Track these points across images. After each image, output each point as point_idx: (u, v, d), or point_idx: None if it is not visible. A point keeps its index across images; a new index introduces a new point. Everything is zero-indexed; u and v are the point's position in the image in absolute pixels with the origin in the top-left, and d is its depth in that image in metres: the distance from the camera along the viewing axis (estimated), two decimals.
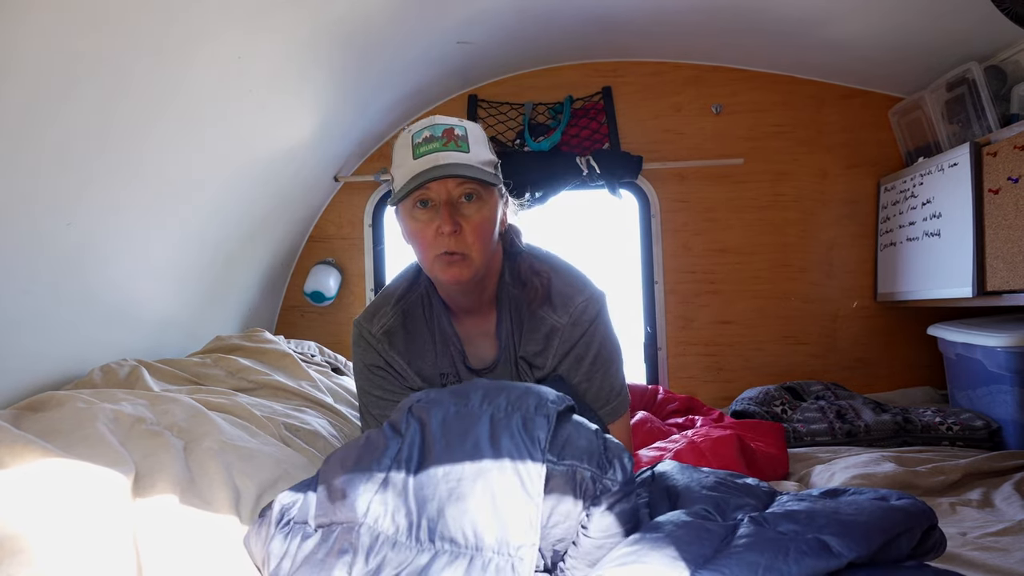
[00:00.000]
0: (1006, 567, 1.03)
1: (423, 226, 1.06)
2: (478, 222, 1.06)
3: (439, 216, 1.04)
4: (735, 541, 0.69)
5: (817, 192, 2.46)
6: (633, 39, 2.31)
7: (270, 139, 1.82)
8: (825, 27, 2.06)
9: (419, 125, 1.08)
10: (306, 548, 0.74)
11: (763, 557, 0.64)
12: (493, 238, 1.10)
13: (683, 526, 0.71)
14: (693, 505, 0.78)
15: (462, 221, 1.05)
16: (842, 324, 2.45)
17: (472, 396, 0.82)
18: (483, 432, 0.75)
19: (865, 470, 1.47)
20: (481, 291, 1.16)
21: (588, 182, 2.34)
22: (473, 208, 1.06)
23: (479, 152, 1.06)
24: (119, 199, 1.35)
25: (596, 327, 1.17)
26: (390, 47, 1.90)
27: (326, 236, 2.53)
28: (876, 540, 0.66)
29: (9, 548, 0.66)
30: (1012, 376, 1.75)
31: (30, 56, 0.98)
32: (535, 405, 0.78)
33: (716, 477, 0.87)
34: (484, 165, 1.06)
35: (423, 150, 1.03)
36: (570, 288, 1.18)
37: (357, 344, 1.21)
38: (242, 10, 1.31)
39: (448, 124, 1.06)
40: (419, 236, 1.08)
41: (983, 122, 1.94)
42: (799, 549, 0.65)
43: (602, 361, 1.18)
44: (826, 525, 0.68)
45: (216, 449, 0.94)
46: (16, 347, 1.17)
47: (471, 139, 1.06)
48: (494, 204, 1.10)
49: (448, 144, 1.03)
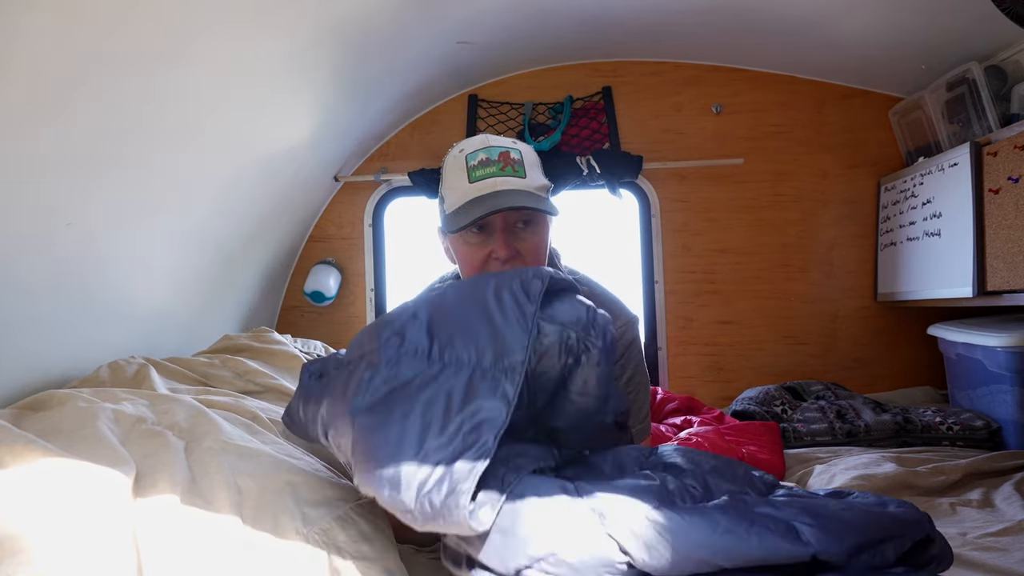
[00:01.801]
0: (1006, 567, 1.03)
1: (475, 249, 1.06)
2: (533, 246, 1.05)
3: (493, 241, 1.03)
4: (707, 505, 0.71)
5: (817, 192, 2.46)
6: (633, 39, 2.31)
7: (270, 139, 1.82)
8: (825, 27, 2.06)
9: (472, 145, 1.05)
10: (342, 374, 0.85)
11: (726, 519, 0.65)
12: (544, 260, 1.09)
13: (668, 487, 0.75)
14: (687, 478, 0.80)
15: (518, 246, 1.04)
16: (842, 324, 2.45)
17: (477, 278, 0.90)
18: (488, 290, 0.85)
19: (865, 471, 1.47)
20: None
21: (588, 182, 2.34)
22: (529, 232, 1.05)
23: (534, 176, 1.04)
24: (119, 199, 1.35)
25: (631, 352, 1.18)
26: (390, 47, 1.90)
27: (326, 236, 2.53)
28: (851, 539, 0.65)
29: (9, 548, 0.66)
30: (1012, 376, 1.75)
31: (30, 56, 0.98)
32: (532, 273, 0.86)
33: (717, 463, 0.87)
34: (539, 191, 1.04)
35: (479, 174, 1.02)
36: (610, 312, 1.18)
37: None
38: (242, 10, 1.31)
39: (503, 147, 1.04)
40: (470, 259, 1.07)
41: (983, 122, 1.94)
42: (766, 526, 0.65)
43: (635, 384, 1.18)
44: (802, 512, 0.68)
45: (217, 449, 0.94)
46: (16, 347, 1.17)
47: (527, 163, 1.04)
48: (547, 228, 1.09)
49: (505, 168, 1.01)
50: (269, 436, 1.12)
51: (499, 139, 1.06)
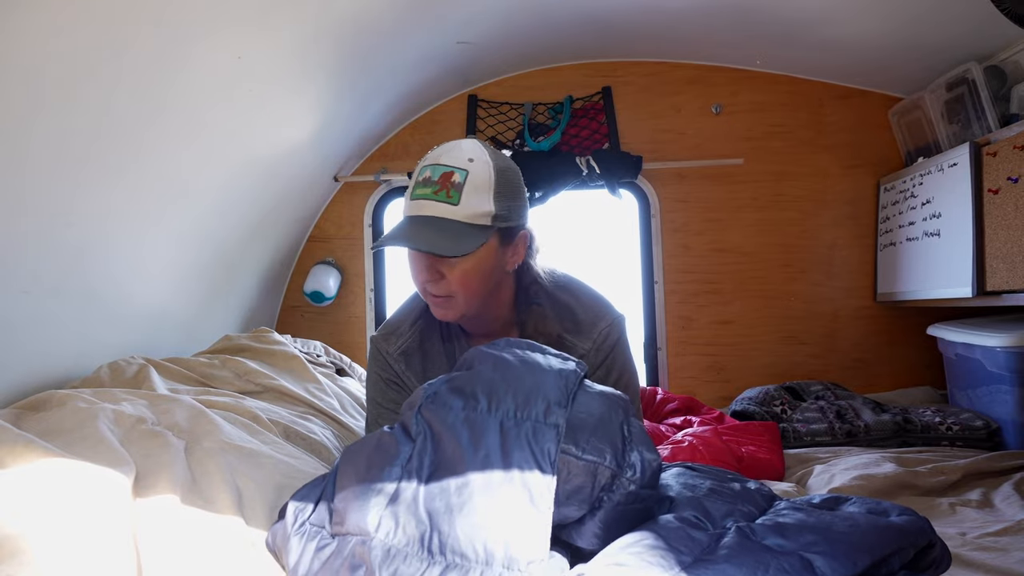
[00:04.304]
0: (1006, 567, 1.03)
1: (412, 263, 1.06)
2: (460, 274, 1.03)
3: (423, 259, 1.04)
4: (718, 551, 0.68)
5: (817, 192, 2.46)
6: (633, 39, 2.31)
7: (270, 139, 1.82)
8: (825, 27, 2.06)
9: (431, 156, 1.04)
10: (323, 556, 0.76)
11: (741, 571, 0.64)
12: (484, 282, 1.06)
13: (668, 532, 0.71)
14: (685, 510, 0.78)
15: (444, 270, 1.03)
16: (842, 324, 2.45)
17: (479, 396, 0.81)
18: (493, 443, 0.75)
19: (865, 471, 1.47)
20: (491, 320, 1.15)
21: (588, 182, 2.34)
22: (455, 260, 1.03)
23: (472, 203, 1.00)
24: (119, 199, 1.35)
25: (617, 351, 1.17)
26: (390, 47, 1.90)
27: (326, 236, 2.53)
28: (863, 561, 0.65)
29: (9, 548, 0.66)
30: (1012, 376, 1.75)
31: (30, 56, 0.98)
32: (543, 411, 0.77)
33: (712, 480, 0.87)
34: (473, 218, 1.00)
35: (416, 192, 1.01)
36: (593, 314, 1.17)
37: (375, 360, 1.20)
38: (242, 10, 1.31)
39: (451, 166, 1.01)
40: (411, 271, 1.08)
41: (983, 122, 1.94)
42: (780, 567, 0.64)
43: (621, 386, 1.17)
44: (814, 543, 0.68)
45: (217, 449, 0.94)
46: (16, 347, 1.17)
47: (468, 188, 1.00)
48: (481, 255, 1.04)
49: (439, 193, 0.99)
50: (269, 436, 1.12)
51: (458, 154, 1.02)
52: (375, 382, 1.20)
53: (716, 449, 1.60)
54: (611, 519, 0.74)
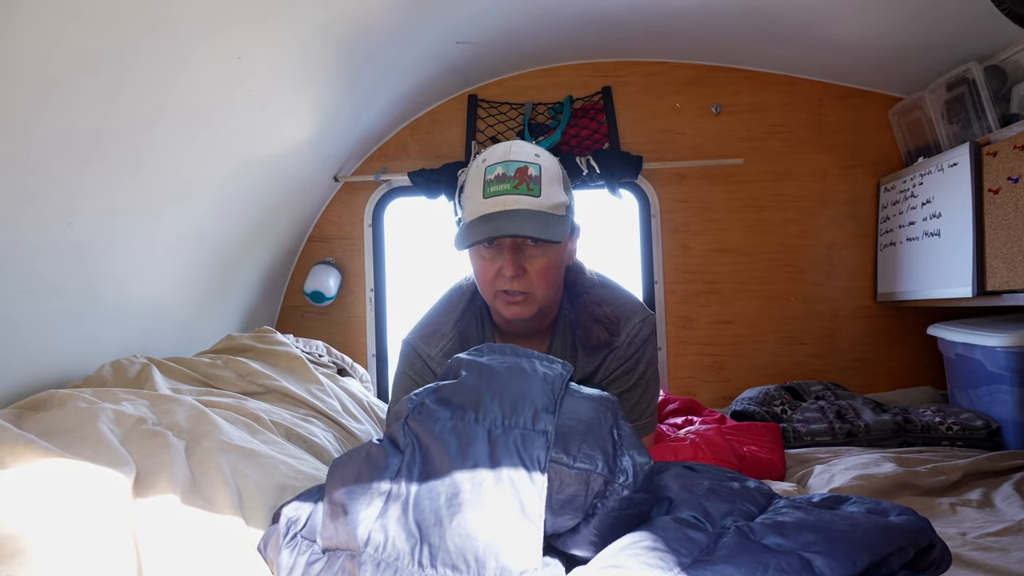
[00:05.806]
0: (1006, 567, 1.03)
1: (486, 264, 1.06)
2: (542, 266, 1.04)
3: (503, 256, 1.03)
4: (716, 551, 0.68)
5: (817, 192, 2.46)
6: (633, 39, 2.31)
7: (270, 139, 1.82)
8: (825, 27, 2.06)
9: (493, 156, 1.04)
10: (313, 572, 0.76)
11: (740, 571, 0.63)
12: (559, 278, 1.08)
13: (667, 533, 0.71)
14: (684, 510, 0.78)
15: (527, 264, 1.04)
16: (842, 324, 2.45)
17: (466, 405, 0.80)
18: (482, 453, 0.74)
19: (865, 471, 1.47)
20: (541, 320, 1.16)
21: (588, 182, 2.34)
22: (539, 251, 1.04)
23: (551, 194, 1.02)
24: (119, 199, 1.35)
25: (647, 346, 1.20)
26: (390, 47, 1.90)
27: (326, 236, 2.53)
28: (863, 560, 0.65)
29: (9, 548, 0.66)
30: (1012, 376, 1.75)
31: (30, 56, 0.98)
32: (531, 418, 0.76)
33: (711, 480, 0.86)
34: (555, 209, 1.03)
35: (493, 190, 1.01)
36: (628, 309, 1.20)
37: (411, 364, 1.19)
38: (242, 10, 1.31)
39: (523, 161, 1.02)
40: (482, 272, 1.07)
41: (983, 122, 1.94)
42: (779, 566, 0.64)
43: (645, 380, 1.20)
44: (813, 542, 0.67)
45: (217, 449, 0.94)
46: (16, 347, 1.18)
47: (544, 180, 1.02)
48: (561, 247, 1.07)
49: (519, 187, 1.00)
50: (270, 437, 1.12)
51: (523, 150, 1.04)
52: (405, 383, 1.18)
53: (718, 447, 1.59)
54: (606, 525, 0.74)
